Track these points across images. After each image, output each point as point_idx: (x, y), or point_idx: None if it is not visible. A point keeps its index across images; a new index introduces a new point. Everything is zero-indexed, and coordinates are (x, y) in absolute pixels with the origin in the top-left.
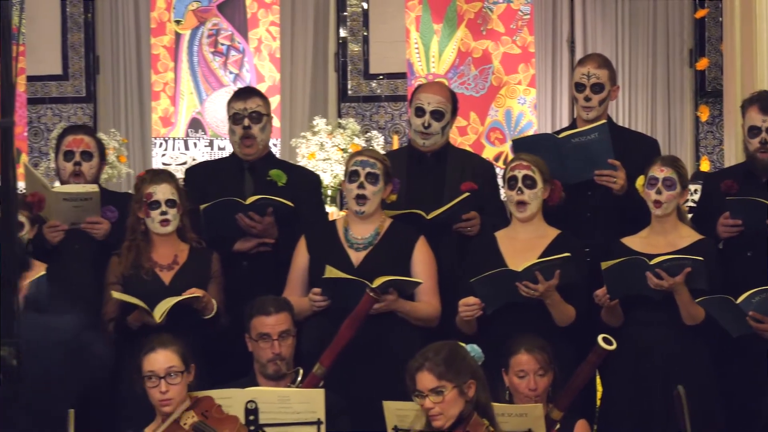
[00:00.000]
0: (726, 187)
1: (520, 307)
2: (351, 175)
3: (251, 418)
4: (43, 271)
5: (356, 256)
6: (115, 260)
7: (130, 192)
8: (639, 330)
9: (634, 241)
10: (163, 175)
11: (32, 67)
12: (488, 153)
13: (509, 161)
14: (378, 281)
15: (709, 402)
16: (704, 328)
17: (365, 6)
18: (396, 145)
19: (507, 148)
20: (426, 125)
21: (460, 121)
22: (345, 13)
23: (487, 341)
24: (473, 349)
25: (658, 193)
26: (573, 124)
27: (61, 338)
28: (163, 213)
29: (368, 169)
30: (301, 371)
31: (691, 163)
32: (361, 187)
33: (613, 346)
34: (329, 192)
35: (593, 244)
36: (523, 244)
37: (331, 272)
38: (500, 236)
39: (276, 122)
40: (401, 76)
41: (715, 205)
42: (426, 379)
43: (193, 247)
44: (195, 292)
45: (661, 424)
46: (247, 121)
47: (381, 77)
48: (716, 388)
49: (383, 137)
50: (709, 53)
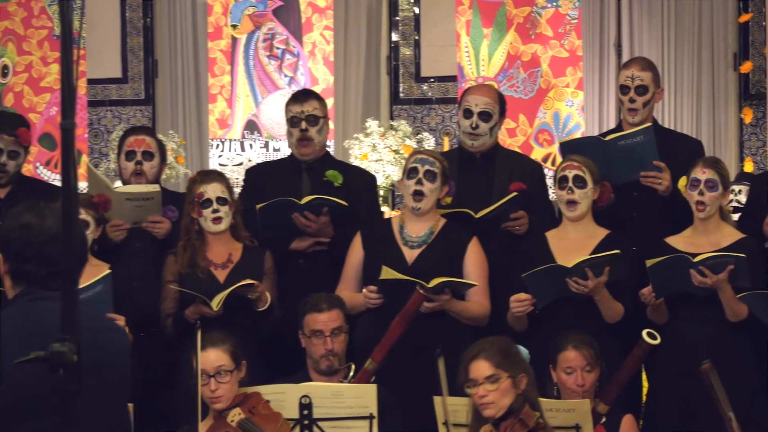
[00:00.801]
0: None
1: (569, 304)
2: (410, 172)
3: (305, 412)
4: (107, 270)
5: (410, 254)
6: (171, 259)
7: None
8: (684, 326)
9: (678, 241)
10: (212, 175)
11: (93, 70)
12: (536, 154)
13: (560, 162)
14: (434, 282)
15: (754, 396)
16: (749, 324)
17: (417, 10)
18: (446, 147)
19: (555, 150)
20: (474, 126)
21: (509, 123)
22: (397, 18)
23: (537, 338)
24: (522, 350)
25: (701, 194)
26: (619, 126)
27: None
28: (214, 211)
29: (427, 167)
30: (353, 367)
31: (735, 165)
32: (419, 183)
33: (657, 341)
34: (381, 192)
35: (640, 244)
36: (573, 243)
37: (388, 273)
38: (550, 236)
39: (330, 124)
40: (452, 79)
41: (762, 204)
42: (482, 367)
43: (246, 245)
44: (249, 280)
45: (705, 419)
46: (304, 124)
47: (432, 80)
48: (762, 383)
49: (434, 139)
50: (753, 57)
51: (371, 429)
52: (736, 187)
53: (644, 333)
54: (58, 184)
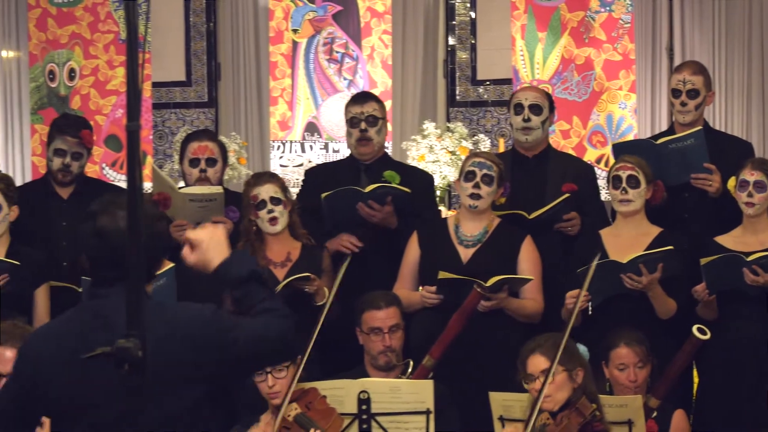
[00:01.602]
0: None
1: (623, 300)
2: (467, 175)
3: (363, 407)
4: (171, 264)
5: (465, 253)
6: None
7: None
8: (735, 323)
9: (727, 240)
10: (265, 177)
11: (157, 73)
12: (590, 156)
13: (614, 162)
14: (492, 281)
15: None
16: None
17: (473, 15)
18: (502, 148)
19: (608, 151)
20: (526, 119)
21: (563, 125)
22: (453, 22)
23: (591, 334)
24: (581, 348)
25: (750, 195)
26: (671, 128)
27: None
28: (269, 211)
29: (485, 171)
30: (411, 363)
31: None
32: (477, 187)
33: (707, 336)
34: (438, 192)
35: (690, 243)
36: (627, 240)
37: (445, 274)
38: (604, 233)
39: (387, 125)
40: (507, 82)
41: None
42: (539, 361)
43: (304, 244)
44: (306, 274)
45: (756, 415)
46: (363, 125)
47: (488, 83)
48: None
49: (489, 140)
50: None
51: (428, 424)
52: None
53: (695, 328)
54: (124, 184)
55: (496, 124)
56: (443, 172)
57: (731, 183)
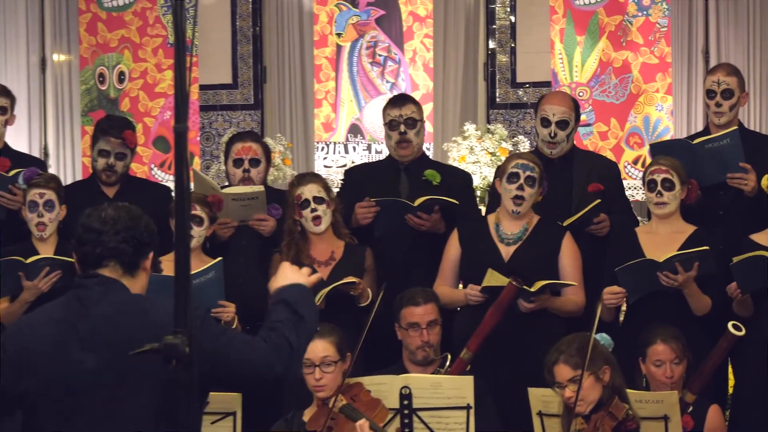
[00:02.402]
0: None
1: (659, 298)
2: (511, 176)
3: (405, 402)
4: (219, 258)
5: (506, 251)
6: (277, 257)
7: None
8: None
9: (762, 237)
10: (308, 176)
11: (204, 76)
12: (627, 156)
13: (649, 165)
14: (536, 286)
15: None
16: None
17: (513, 19)
18: None
19: (645, 152)
20: (552, 135)
21: (601, 127)
22: (494, 26)
23: (627, 330)
24: (603, 338)
25: None
26: (706, 129)
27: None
28: (313, 210)
29: (528, 173)
30: (449, 356)
31: None
32: (520, 188)
33: (742, 333)
34: (478, 192)
35: (726, 241)
36: (662, 239)
37: (492, 276)
38: (640, 232)
39: (429, 127)
40: (546, 84)
41: None
42: (563, 371)
43: (348, 243)
44: (351, 278)
45: None
46: (402, 127)
47: (527, 85)
48: None
49: (528, 142)
50: None
51: (468, 419)
52: None
53: (729, 325)
54: (172, 185)
55: (534, 125)
56: (483, 172)
57: (765, 182)
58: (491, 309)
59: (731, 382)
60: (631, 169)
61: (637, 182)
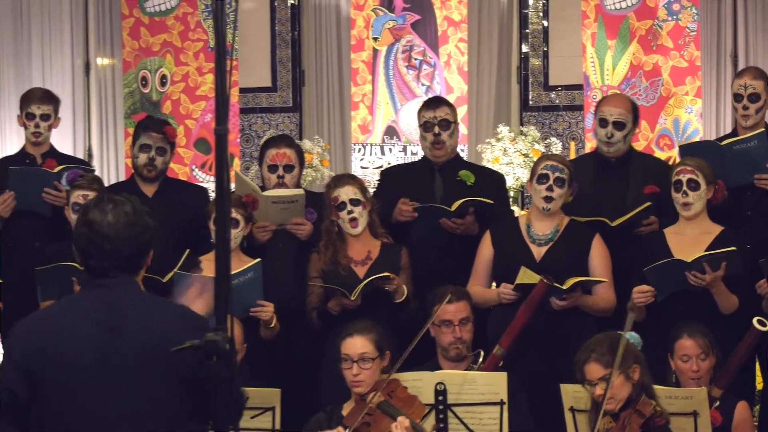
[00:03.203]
0: None
1: (687, 296)
2: (540, 177)
3: (440, 398)
4: (258, 259)
5: (538, 251)
6: (315, 257)
7: None
8: None
9: None
10: (345, 178)
11: (244, 80)
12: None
13: (675, 166)
14: (568, 283)
15: None
16: None
17: (545, 24)
18: (572, 151)
19: (675, 154)
20: (609, 135)
21: None
22: (527, 31)
23: (657, 328)
24: (632, 336)
25: None
26: (734, 131)
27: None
28: (349, 212)
29: (557, 174)
30: (482, 353)
31: None
32: (550, 189)
33: (767, 328)
34: (511, 193)
35: (753, 240)
36: (690, 239)
37: (525, 274)
38: (668, 232)
39: (463, 129)
40: (578, 87)
41: None
42: (594, 370)
43: (384, 243)
44: (385, 273)
45: None
46: (436, 129)
47: (559, 88)
48: None
49: (561, 143)
50: None
51: (502, 414)
52: None
53: (755, 320)
54: (212, 185)
55: (567, 127)
56: (516, 173)
57: None
58: (522, 306)
59: (759, 378)
60: None
61: None
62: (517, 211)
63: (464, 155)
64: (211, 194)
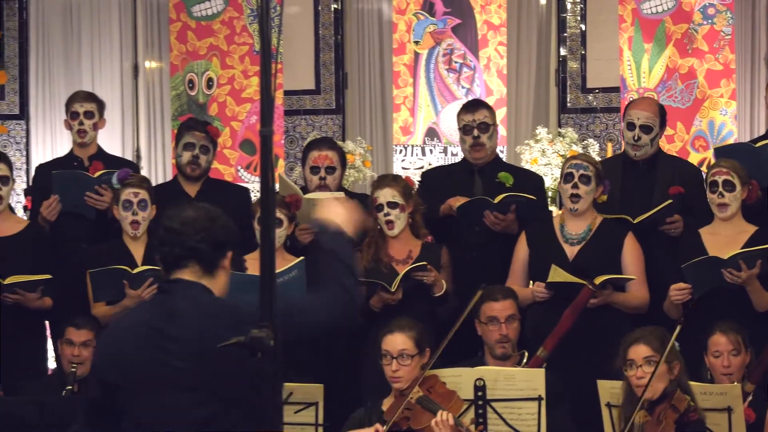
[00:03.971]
0: None
1: (722, 294)
2: (566, 177)
3: (479, 393)
4: (301, 257)
5: (571, 251)
6: (357, 255)
7: None
8: None
9: None
10: (387, 180)
11: (289, 82)
12: (693, 159)
13: (710, 167)
14: (598, 280)
15: None
16: None
17: (583, 28)
18: (610, 152)
19: (710, 155)
20: (636, 138)
21: (668, 130)
22: (565, 34)
23: (692, 326)
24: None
25: None
26: None
27: None
28: (386, 215)
29: (582, 172)
30: (526, 354)
31: None
32: (575, 187)
33: None
34: (550, 193)
35: None
36: (725, 239)
37: (556, 273)
38: (704, 232)
39: (503, 131)
40: (615, 90)
41: None
42: (641, 350)
43: (424, 242)
44: (423, 263)
45: None
46: (475, 131)
47: (597, 91)
48: None
49: (598, 145)
50: None
51: (540, 410)
52: None
53: None
54: (257, 185)
55: (604, 129)
56: (555, 174)
57: None
58: (567, 311)
59: None
60: (702, 171)
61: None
62: (555, 212)
63: (503, 157)
64: (254, 194)
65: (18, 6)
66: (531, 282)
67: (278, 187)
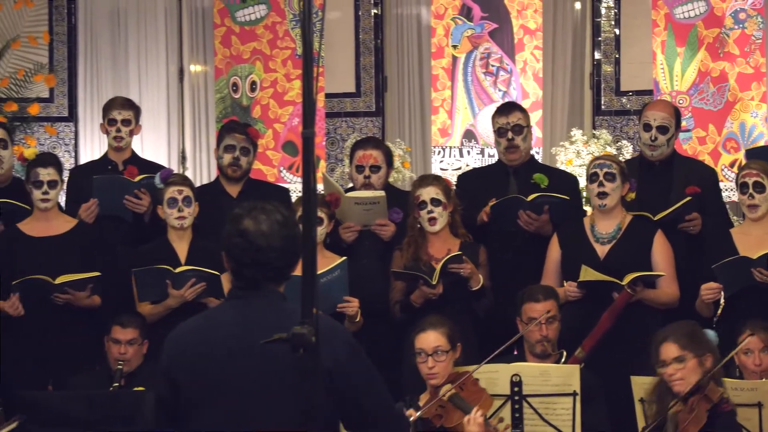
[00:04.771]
0: None
1: (753, 293)
2: (591, 177)
3: (516, 389)
4: (344, 258)
5: (602, 249)
6: (398, 254)
7: None
8: None
9: None
10: (429, 179)
11: (330, 85)
12: (724, 160)
13: (741, 168)
14: (628, 278)
15: None
16: None
17: (617, 32)
18: None
19: (741, 156)
20: (653, 138)
21: (699, 132)
22: (599, 39)
23: (723, 324)
24: (710, 333)
25: None
26: None
27: None
28: (429, 212)
29: (606, 170)
30: (564, 353)
31: None
32: (601, 185)
33: None
34: (584, 194)
35: None
36: (755, 239)
37: (587, 273)
38: (735, 232)
39: (538, 133)
40: (648, 92)
41: None
42: (670, 349)
43: (463, 241)
44: (458, 252)
45: None
46: (510, 133)
47: (630, 94)
48: None
49: (632, 146)
50: None
51: (575, 405)
52: None
53: None
54: (299, 186)
55: (638, 131)
56: None
57: None
58: (606, 314)
59: None
60: (728, 172)
61: (733, 184)
62: (589, 212)
63: (539, 158)
64: (294, 195)
65: (67, 11)
66: (564, 282)
67: (323, 187)
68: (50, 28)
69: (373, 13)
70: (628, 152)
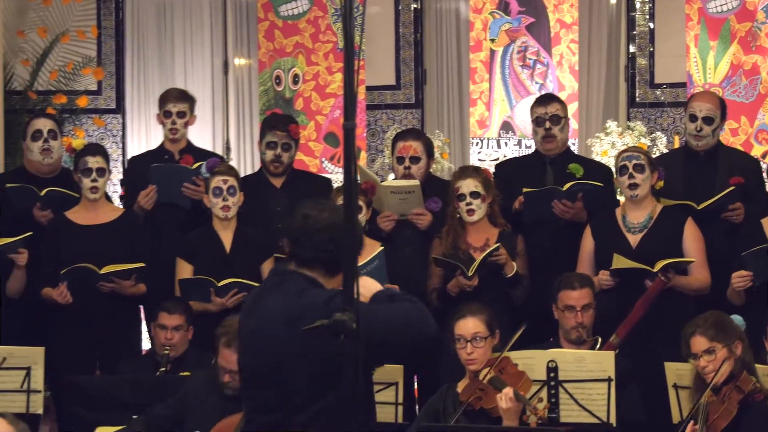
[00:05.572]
0: None
1: None
2: (621, 170)
3: (551, 375)
4: (381, 247)
5: (633, 239)
6: (437, 242)
7: None
8: None
9: None
10: (468, 171)
11: (370, 78)
12: (756, 151)
13: None
14: (659, 265)
15: None
16: None
17: (651, 26)
18: (677, 145)
19: None
20: (698, 129)
21: (732, 124)
22: (634, 32)
23: (753, 312)
24: (736, 318)
25: None
26: None
27: None
28: (468, 204)
29: (634, 162)
30: (599, 340)
31: None
32: (631, 177)
33: None
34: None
35: None
36: None
37: (619, 261)
38: (766, 222)
39: (574, 124)
40: (682, 85)
41: None
42: (699, 342)
43: (501, 231)
44: (496, 245)
45: None
46: (548, 123)
47: (664, 86)
48: None
49: (666, 138)
50: None
51: (609, 390)
52: None
53: None
54: (340, 176)
55: (671, 123)
56: None
57: None
58: (640, 301)
59: None
60: (760, 162)
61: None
62: (622, 201)
63: (574, 149)
64: (335, 184)
65: (114, 6)
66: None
67: (358, 175)
68: (98, 23)
69: (412, 8)
70: (662, 143)
